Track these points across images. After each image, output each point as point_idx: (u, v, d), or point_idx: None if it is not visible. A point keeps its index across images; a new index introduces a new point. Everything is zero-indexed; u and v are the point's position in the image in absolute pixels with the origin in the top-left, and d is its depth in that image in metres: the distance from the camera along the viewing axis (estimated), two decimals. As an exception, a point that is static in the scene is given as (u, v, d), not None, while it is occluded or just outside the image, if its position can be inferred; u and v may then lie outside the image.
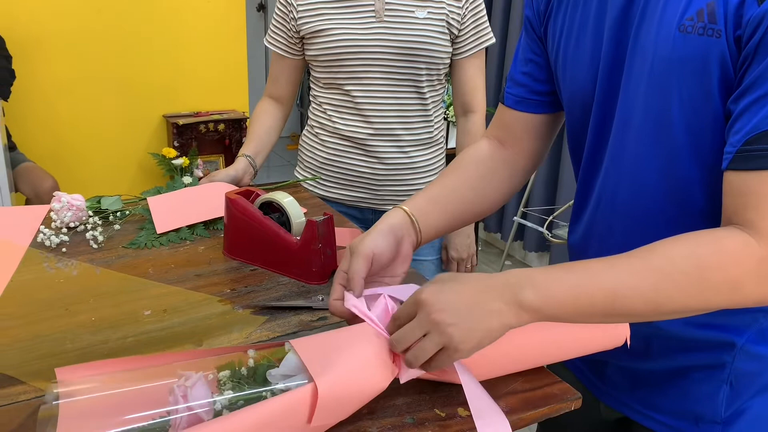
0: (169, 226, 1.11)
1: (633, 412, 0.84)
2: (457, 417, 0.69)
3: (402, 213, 0.82)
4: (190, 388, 0.60)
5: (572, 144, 0.88)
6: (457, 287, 0.63)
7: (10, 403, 0.68)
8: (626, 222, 0.78)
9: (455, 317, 0.61)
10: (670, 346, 0.79)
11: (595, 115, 0.79)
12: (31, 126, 2.58)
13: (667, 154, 0.72)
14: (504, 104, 0.93)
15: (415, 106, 1.39)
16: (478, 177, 0.90)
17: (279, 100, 1.48)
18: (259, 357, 0.66)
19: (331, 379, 0.61)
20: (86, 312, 0.86)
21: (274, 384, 0.63)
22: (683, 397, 0.80)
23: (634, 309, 0.62)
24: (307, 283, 0.96)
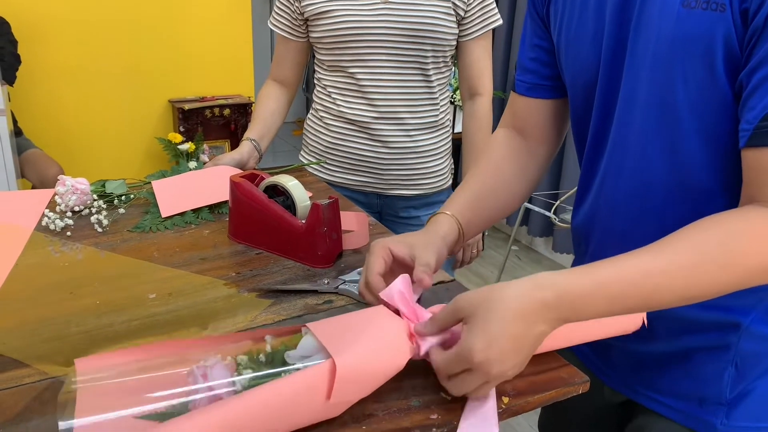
0: (173, 209, 1.11)
1: (637, 395, 0.84)
2: (463, 400, 0.68)
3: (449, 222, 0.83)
4: (210, 368, 0.61)
5: (576, 127, 0.86)
6: (501, 330, 0.60)
7: (15, 386, 0.68)
8: (630, 204, 0.77)
9: (508, 363, 0.61)
10: (675, 328, 0.78)
11: (598, 96, 0.78)
12: (37, 111, 2.58)
13: (671, 133, 0.71)
14: (516, 92, 0.92)
15: (420, 89, 1.38)
16: (508, 166, 0.91)
17: (283, 83, 1.46)
18: (276, 343, 0.66)
19: (349, 355, 0.61)
20: (91, 295, 0.86)
21: (291, 365, 0.63)
22: (688, 378, 0.79)
23: (667, 305, 0.63)
24: (313, 267, 0.95)
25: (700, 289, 0.62)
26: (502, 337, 0.60)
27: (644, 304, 0.63)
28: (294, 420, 0.61)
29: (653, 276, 0.61)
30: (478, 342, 0.60)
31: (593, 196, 0.83)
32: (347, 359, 0.61)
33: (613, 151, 0.78)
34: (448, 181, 1.53)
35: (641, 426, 0.84)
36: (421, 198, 1.48)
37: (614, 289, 0.62)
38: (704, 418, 0.78)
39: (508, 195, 0.90)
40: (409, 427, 0.64)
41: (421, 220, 1.50)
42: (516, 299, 0.61)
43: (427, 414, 0.66)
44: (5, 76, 2.19)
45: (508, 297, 0.61)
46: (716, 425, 0.77)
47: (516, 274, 3.11)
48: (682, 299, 0.63)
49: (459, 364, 0.63)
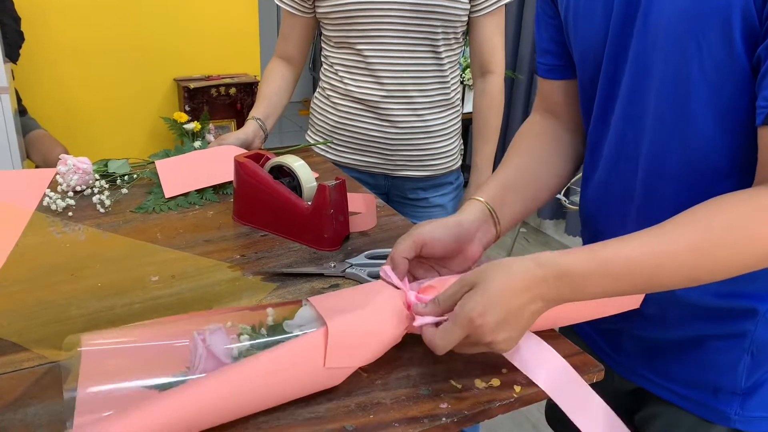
0: (177, 190, 1.08)
1: (648, 383, 0.82)
2: (474, 389, 0.66)
3: (480, 208, 0.79)
4: (210, 333, 0.62)
5: (583, 103, 0.83)
6: (499, 300, 0.60)
7: (13, 370, 0.66)
8: (639, 184, 0.74)
9: (502, 335, 0.61)
10: (688, 314, 0.76)
11: (605, 72, 0.75)
12: (41, 89, 2.55)
13: (684, 110, 0.68)
14: (539, 75, 0.90)
15: (430, 67, 1.34)
16: (544, 148, 0.87)
17: (290, 60, 1.43)
18: (278, 316, 0.67)
19: (341, 319, 0.62)
20: (92, 277, 0.84)
21: (289, 333, 0.64)
22: (701, 367, 0.77)
23: (671, 287, 0.62)
24: (319, 250, 0.93)
25: (705, 271, 0.61)
26: (499, 306, 0.60)
27: (647, 284, 0.62)
28: (293, 388, 0.61)
29: (657, 256, 0.60)
30: (476, 308, 0.60)
31: (601, 178, 0.80)
32: (339, 322, 0.62)
33: (621, 129, 0.75)
34: (457, 162, 1.50)
35: (652, 415, 0.82)
36: (429, 179, 1.45)
37: (617, 269, 0.61)
38: (718, 408, 0.76)
39: (548, 170, 0.86)
40: (418, 416, 0.62)
41: (430, 201, 1.47)
42: (517, 274, 0.61)
43: (436, 403, 0.64)
44: (8, 53, 2.16)
45: (511, 271, 0.61)
46: (730, 415, 0.75)
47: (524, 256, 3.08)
48: (686, 280, 0.62)
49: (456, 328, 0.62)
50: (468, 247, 0.77)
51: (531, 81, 3.23)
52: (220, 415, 0.58)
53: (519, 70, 3.25)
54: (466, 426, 0.65)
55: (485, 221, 0.78)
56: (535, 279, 0.61)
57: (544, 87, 0.90)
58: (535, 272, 0.61)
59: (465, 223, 0.76)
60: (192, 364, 0.62)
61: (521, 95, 3.27)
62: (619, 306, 0.74)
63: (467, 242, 0.76)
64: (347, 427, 0.60)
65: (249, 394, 0.59)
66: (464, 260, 0.77)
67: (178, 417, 0.55)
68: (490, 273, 0.61)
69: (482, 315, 0.60)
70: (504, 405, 0.65)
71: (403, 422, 0.61)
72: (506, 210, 0.80)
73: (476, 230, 0.77)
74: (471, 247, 0.77)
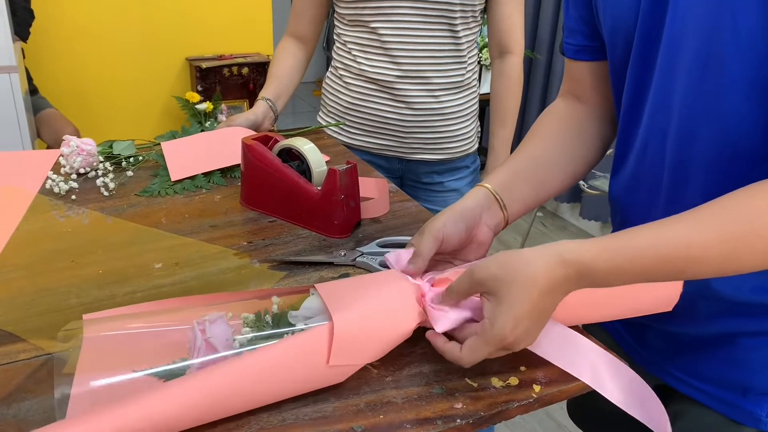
0: (184, 173, 1.05)
1: (674, 380, 0.78)
2: (490, 388, 0.63)
3: (483, 191, 0.76)
4: (210, 324, 0.60)
5: (615, 88, 0.79)
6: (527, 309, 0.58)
7: (8, 362, 0.64)
8: (673, 170, 0.70)
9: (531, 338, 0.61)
10: (721, 310, 0.71)
11: (636, 49, 0.70)
12: (52, 69, 2.53)
13: (717, 88, 0.63)
14: (566, 56, 0.85)
15: (447, 46, 1.29)
16: (561, 136, 0.83)
17: (302, 39, 1.38)
18: (284, 304, 0.64)
19: (348, 315, 0.58)
20: (94, 264, 0.81)
21: (293, 325, 0.62)
22: (731, 365, 0.73)
23: (702, 277, 0.58)
24: (329, 237, 0.89)
25: (739, 263, 0.57)
26: (528, 317, 0.58)
27: (677, 276, 0.59)
28: (294, 384, 0.58)
29: (689, 248, 0.56)
30: (507, 326, 0.58)
31: (634, 164, 0.76)
32: (346, 318, 0.59)
33: (654, 111, 0.71)
34: (474, 145, 1.45)
35: (677, 413, 0.78)
36: (445, 163, 1.40)
37: (646, 262, 0.57)
38: (748, 409, 0.72)
39: (563, 156, 0.82)
40: (431, 417, 0.59)
41: (445, 186, 1.42)
42: (542, 277, 0.58)
43: (450, 403, 0.60)
44: (18, 31, 2.13)
45: (534, 272, 0.58)
46: (761, 417, 0.71)
47: (540, 241, 3.03)
48: (718, 272, 0.58)
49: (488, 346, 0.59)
50: (477, 232, 0.74)
51: (550, 61, 3.15)
52: (215, 410, 0.55)
53: (538, 49, 3.17)
54: (483, 428, 0.61)
55: (489, 205, 0.76)
56: (560, 278, 0.58)
57: (571, 69, 0.86)
58: (558, 271, 0.58)
59: (468, 210, 0.74)
60: (190, 355, 0.60)
61: (540, 76, 3.20)
62: (651, 307, 0.70)
63: (475, 227, 0.74)
64: (356, 428, 0.57)
65: (246, 389, 0.56)
66: (478, 247, 0.74)
67: (171, 411, 0.53)
68: (509, 279, 0.58)
69: (513, 330, 0.58)
70: (523, 405, 0.62)
71: (415, 423, 0.58)
72: (515, 195, 0.77)
73: (480, 214, 0.74)
74: (480, 233, 0.74)
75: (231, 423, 0.56)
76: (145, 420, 0.51)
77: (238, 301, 0.68)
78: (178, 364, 0.59)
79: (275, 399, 0.58)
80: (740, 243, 0.56)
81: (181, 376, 0.57)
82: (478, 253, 0.75)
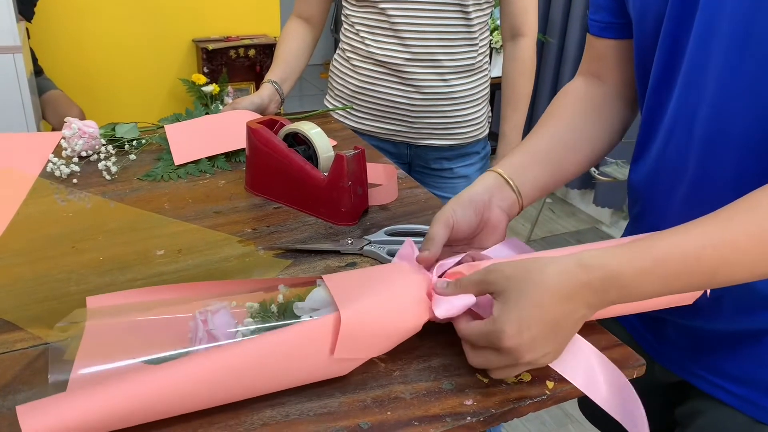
0: (187, 157, 1.02)
1: (693, 377, 0.75)
2: (502, 384, 0.60)
3: (492, 176, 0.73)
4: (212, 314, 0.59)
5: (639, 70, 0.75)
6: (536, 314, 0.54)
7: (5, 351, 0.62)
8: (702, 157, 0.67)
9: (540, 351, 0.56)
10: (745, 304, 0.69)
11: (666, 28, 0.67)
12: (57, 49, 2.50)
13: (754, 71, 0.60)
14: (590, 33, 0.82)
15: (459, 28, 1.25)
16: (577, 119, 0.80)
17: (309, 20, 1.35)
18: (290, 294, 0.63)
19: (356, 308, 0.56)
20: (94, 250, 0.79)
21: (298, 317, 0.60)
22: (755, 363, 0.70)
23: (735, 282, 0.56)
24: (336, 224, 0.87)
25: None
26: (536, 324, 0.54)
27: (708, 281, 0.56)
28: (294, 373, 0.57)
29: (719, 248, 0.53)
30: (510, 327, 0.54)
31: (658, 148, 0.73)
32: (353, 312, 0.56)
33: (684, 94, 0.67)
34: (484, 130, 1.42)
35: (696, 411, 0.76)
36: (455, 149, 1.37)
37: (674, 267, 0.54)
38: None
39: (579, 137, 0.79)
40: (440, 414, 0.57)
41: (454, 172, 1.39)
42: (556, 280, 0.54)
43: (460, 399, 0.58)
44: (23, 11, 2.10)
45: (548, 277, 0.54)
46: None
47: (549, 227, 3.00)
48: (752, 275, 0.55)
49: (486, 343, 0.57)
50: (489, 216, 0.71)
51: (562, 45, 3.10)
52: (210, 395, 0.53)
53: (550, 33, 3.12)
54: (494, 425, 0.59)
55: (500, 189, 0.73)
56: (578, 285, 0.54)
57: (594, 47, 0.82)
58: (578, 276, 0.54)
59: (477, 195, 0.71)
60: (191, 345, 0.58)
61: (552, 60, 3.14)
62: (672, 300, 0.67)
63: (486, 212, 0.71)
64: (362, 425, 0.55)
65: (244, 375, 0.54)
66: (493, 230, 0.72)
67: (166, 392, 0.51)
68: (521, 282, 0.55)
69: (517, 335, 0.54)
70: (535, 403, 0.59)
71: (424, 420, 0.56)
72: (529, 178, 0.75)
73: (490, 199, 0.72)
74: (492, 216, 0.71)
75: (232, 419, 0.55)
76: (139, 401, 0.50)
77: (243, 291, 0.66)
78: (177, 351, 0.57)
79: (274, 388, 0.56)
80: None
81: None
82: (494, 237, 0.72)
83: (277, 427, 0.54)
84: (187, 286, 0.68)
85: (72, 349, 0.58)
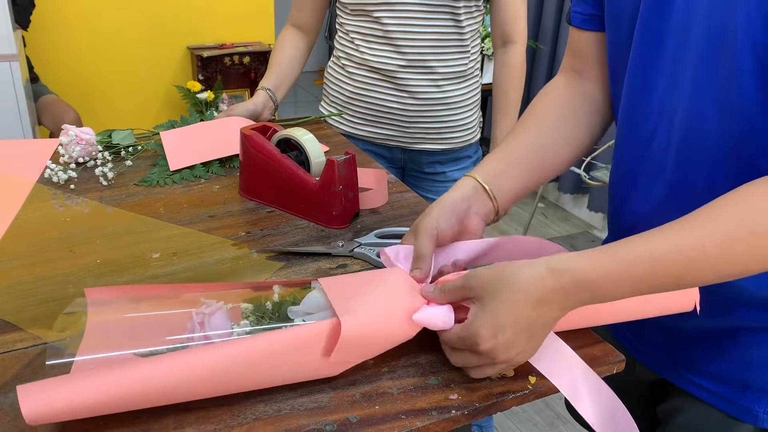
0: (183, 162, 1.05)
1: (672, 375, 0.77)
2: (486, 379, 0.62)
3: (470, 183, 0.75)
4: (208, 316, 0.60)
5: (613, 70, 0.77)
6: (510, 319, 0.57)
7: (5, 351, 0.64)
8: (680, 157, 0.68)
9: (515, 350, 0.59)
10: (722, 304, 0.70)
11: (640, 27, 0.68)
12: (53, 57, 2.52)
13: (726, 74, 0.62)
14: (572, 25, 0.82)
15: (451, 35, 1.28)
16: (555, 120, 0.81)
17: (303, 28, 1.37)
18: (285, 293, 0.64)
19: (355, 316, 0.58)
20: (91, 254, 0.81)
21: (293, 320, 0.62)
22: (731, 361, 0.72)
23: (701, 283, 0.58)
24: (327, 228, 0.89)
25: (739, 265, 0.56)
26: (510, 326, 0.57)
27: (676, 283, 0.57)
28: (286, 374, 0.59)
29: (685, 252, 0.55)
30: (485, 330, 0.57)
31: (638, 152, 0.74)
32: (354, 322, 0.58)
33: (662, 94, 0.69)
34: (476, 135, 1.44)
35: (675, 408, 0.78)
36: (447, 153, 1.39)
37: (642, 270, 0.56)
38: (746, 405, 0.71)
39: (555, 142, 0.81)
40: (426, 408, 0.59)
41: (447, 176, 1.42)
42: (528, 285, 0.57)
43: (446, 394, 0.60)
44: (19, 19, 2.12)
45: (520, 282, 0.57)
46: (758, 413, 0.71)
47: (541, 231, 3.02)
48: (718, 276, 0.57)
49: (464, 346, 0.60)
50: (467, 223, 0.74)
51: (554, 52, 3.13)
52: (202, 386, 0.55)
53: (541, 40, 3.15)
54: (478, 419, 0.61)
55: (477, 196, 0.75)
56: (549, 289, 0.57)
57: (576, 39, 0.83)
58: (549, 281, 0.56)
59: (456, 203, 0.73)
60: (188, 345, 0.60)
61: (543, 67, 3.18)
62: (670, 307, 0.69)
63: (466, 219, 0.74)
64: (351, 419, 0.57)
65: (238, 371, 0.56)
66: (469, 237, 0.74)
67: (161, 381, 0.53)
68: (495, 287, 0.58)
69: (492, 338, 0.57)
70: (518, 397, 0.62)
71: (411, 414, 0.58)
72: (505, 183, 0.77)
73: (469, 205, 0.74)
74: (470, 223, 0.74)
75: (227, 414, 0.57)
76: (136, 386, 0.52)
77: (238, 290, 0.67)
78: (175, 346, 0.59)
79: (266, 385, 0.58)
80: (737, 243, 0.55)
81: None
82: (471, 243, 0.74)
83: (269, 422, 0.56)
84: (184, 286, 0.70)
85: (71, 348, 0.60)
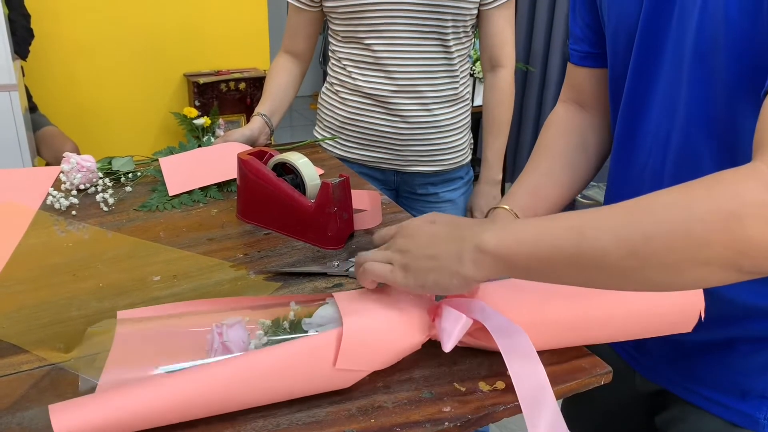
0: (181, 188, 1.07)
1: (672, 385, 0.79)
2: (478, 392, 0.65)
3: (507, 215, 0.79)
4: (228, 328, 0.63)
5: (613, 98, 0.80)
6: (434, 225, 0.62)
7: (11, 373, 0.66)
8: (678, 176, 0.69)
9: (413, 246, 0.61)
10: (720, 314, 0.71)
11: (636, 58, 0.71)
12: (51, 86, 2.56)
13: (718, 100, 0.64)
14: (571, 62, 0.87)
15: (440, 61, 1.32)
16: (571, 153, 0.85)
17: (296, 55, 1.41)
18: (301, 312, 0.67)
19: (359, 318, 0.61)
20: (94, 277, 0.83)
21: (306, 331, 0.65)
22: (730, 369, 0.74)
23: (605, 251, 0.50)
24: (323, 248, 0.92)
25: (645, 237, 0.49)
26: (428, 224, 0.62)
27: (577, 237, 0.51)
28: (299, 385, 0.61)
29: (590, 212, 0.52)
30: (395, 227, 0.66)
31: (636, 169, 0.75)
32: (355, 322, 0.61)
33: (657, 117, 0.71)
34: (467, 156, 1.48)
35: (675, 418, 0.79)
36: (440, 174, 1.43)
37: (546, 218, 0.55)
38: (746, 412, 0.73)
39: (571, 175, 0.84)
40: (420, 421, 0.61)
41: (440, 196, 1.45)
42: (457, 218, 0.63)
43: (439, 407, 0.63)
44: (18, 50, 2.16)
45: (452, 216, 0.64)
46: (759, 419, 0.72)
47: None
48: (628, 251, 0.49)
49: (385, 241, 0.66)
50: None
51: (544, 74, 3.19)
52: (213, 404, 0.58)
53: (532, 62, 3.21)
54: (470, 430, 0.63)
55: None
56: (462, 220, 0.62)
57: (574, 75, 0.87)
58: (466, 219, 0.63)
59: None
60: (208, 357, 0.63)
61: (534, 88, 3.23)
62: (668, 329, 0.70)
63: None
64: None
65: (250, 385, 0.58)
66: None
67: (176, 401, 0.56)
68: None
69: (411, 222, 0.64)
70: (509, 409, 0.63)
71: (405, 427, 0.60)
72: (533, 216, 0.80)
73: None
74: None
75: (228, 428, 0.58)
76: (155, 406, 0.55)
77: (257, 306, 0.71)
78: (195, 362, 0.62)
79: (278, 399, 0.60)
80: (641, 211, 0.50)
81: None
82: None
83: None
84: (207, 302, 0.73)
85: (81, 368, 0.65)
